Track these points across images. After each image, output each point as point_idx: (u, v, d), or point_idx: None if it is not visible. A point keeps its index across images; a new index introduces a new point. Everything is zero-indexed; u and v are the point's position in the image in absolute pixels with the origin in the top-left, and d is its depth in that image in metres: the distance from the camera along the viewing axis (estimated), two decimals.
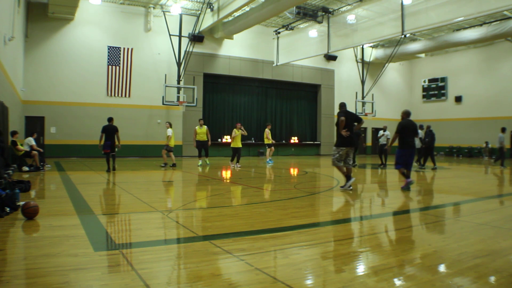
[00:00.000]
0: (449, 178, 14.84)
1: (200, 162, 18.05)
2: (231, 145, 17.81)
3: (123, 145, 18.97)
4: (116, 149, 14.80)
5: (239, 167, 17.39)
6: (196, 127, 18.20)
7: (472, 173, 17.71)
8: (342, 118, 9.82)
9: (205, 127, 18.18)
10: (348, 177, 10.17)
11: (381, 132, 20.01)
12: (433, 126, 33.17)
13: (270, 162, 20.64)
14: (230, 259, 4.30)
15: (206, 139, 18.16)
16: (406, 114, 10.78)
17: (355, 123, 10.19)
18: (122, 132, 23.08)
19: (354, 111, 31.67)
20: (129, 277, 3.64)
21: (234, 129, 17.65)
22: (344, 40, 22.91)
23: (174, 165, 17.44)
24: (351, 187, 10.24)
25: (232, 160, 17.79)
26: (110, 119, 15.19)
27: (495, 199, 9.25)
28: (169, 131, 17.37)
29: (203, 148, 18.17)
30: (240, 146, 17.72)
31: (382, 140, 19.78)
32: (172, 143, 17.37)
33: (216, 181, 13.07)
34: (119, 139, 14.84)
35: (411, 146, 10.47)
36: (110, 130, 14.69)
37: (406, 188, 10.31)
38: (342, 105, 10.38)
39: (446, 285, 3.55)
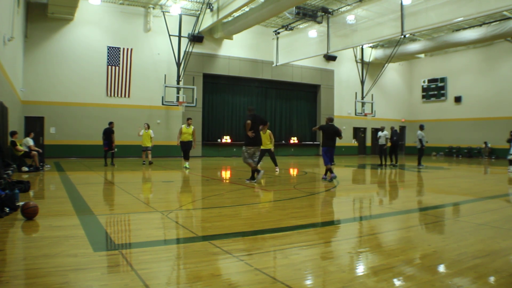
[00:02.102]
0: (448, 178, 14.85)
1: (186, 164, 16.92)
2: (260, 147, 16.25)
3: (123, 145, 19.15)
4: (115, 148, 17.75)
5: (277, 170, 15.68)
6: (183, 126, 17.01)
7: (472, 173, 17.72)
8: (248, 121, 11.14)
9: (192, 127, 16.89)
10: (257, 171, 11.46)
11: (379, 133, 19.93)
12: (433, 126, 33.57)
13: None
14: (230, 259, 4.30)
15: (191, 140, 16.80)
16: (329, 120, 12.95)
17: (262, 125, 11.72)
18: (122, 132, 23.29)
19: (354, 111, 31.76)
20: (128, 277, 3.64)
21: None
22: (344, 40, 22.92)
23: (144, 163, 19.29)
24: (255, 181, 11.40)
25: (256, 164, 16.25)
26: (110, 123, 18.08)
27: (494, 200, 9.25)
28: (141, 132, 19.35)
29: (185, 150, 16.91)
30: (269, 148, 15.59)
31: (381, 141, 19.70)
32: (144, 143, 19.25)
33: (216, 181, 13.07)
34: (113, 139, 17.65)
35: (330, 145, 12.58)
36: (107, 133, 17.63)
37: (329, 180, 12.28)
38: (251, 109, 11.82)
39: (446, 285, 3.55)
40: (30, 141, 15.51)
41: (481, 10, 16.10)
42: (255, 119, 11.33)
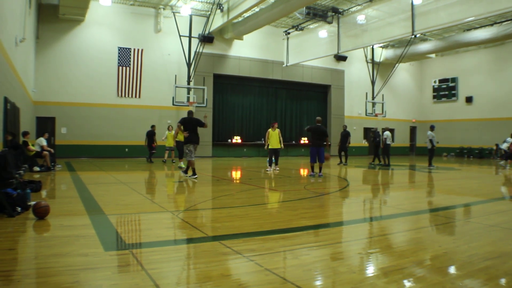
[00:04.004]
0: (459, 179, 14.76)
1: (182, 164, 16.68)
2: (268, 146, 16.25)
3: (133, 145, 19.31)
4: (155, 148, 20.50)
5: (278, 170, 16.24)
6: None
7: (483, 174, 17.58)
8: (179, 124, 12.77)
9: None
10: (192, 170, 12.57)
11: (386, 133, 20.10)
12: (444, 126, 33.33)
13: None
14: (240, 260, 4.31)
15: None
16: (317, 121, 14.36)
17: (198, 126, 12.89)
18: (132, 132, 23.46)
19: (364, 111, 31.65)
20: (139, 277, 3.66)
21: (269, 129, 16.42)
22: (354, 40, 22.86)
23: (164, 161, 20.44)
24: (188, 176, 12.60)
25: (269, 164, 16.44)
26: (152, 126, 20.65)
27: (506, 201, 9.18)
28: (164, 136, 21.02)
29: (178, 149, 17.30)
30: (278, 147, 16.18)
31: (387, 141, 19.85)
32: (168, 143, 20.60)
33: (226, 181, 13.09)
34: (154, 140, 20.43)
35: (317, 145, 13.96)
36: (149, 134, 20.17)
37: (312, 176, 13.77)
38: (189, 112, 13.16)
39: (457, 287, 3.53)
40: (43, 141, 15.59)
41: (492, 9, 15.98)
42: (188, 120, 12.77)
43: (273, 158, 16.29)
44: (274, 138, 16.15)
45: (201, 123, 12.87)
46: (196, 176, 12.43)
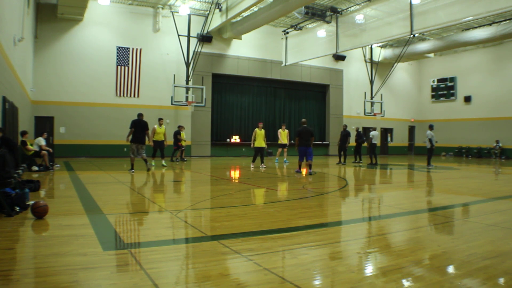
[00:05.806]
0: (458, 179, 14.76)
1: (153, 163, 17.28)
2: (255, 145, 17.45)
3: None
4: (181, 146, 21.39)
5: (264, 167, 17.05)
6: (155, 126, 17.81)
7: (482, 173, 17.59)
8: (132, 129, 14.16)
9: (164, 126, 18.13)
10: (145, 161, 14.78)
11: (372, 133, 20.97)
12: (442, 126, 33.34)
13: (286, 161, 21.19)
14: (239, 259, 4.30)
15: (164, 139, 17.92)
16: (303, 123, 15.14)
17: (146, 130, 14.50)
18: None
19: (363, 111, 31.68)
20: (137, 277, 3.65)
21: (256, 129, 17.58)
22: (353, 40, 22.86)
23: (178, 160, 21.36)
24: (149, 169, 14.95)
25: (253, 161, 17.68)
26: (179, 126, 21.54)
27: (504, 200, 9.18)
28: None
29: (159, 149, 17.73)
30: (264, 146, 17.45)
31: (374, 140, 21.11)
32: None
33: (225, 181, 13.08)
34: (179, 139, 21.07)
35: (306, 145, 14.78)
36: (175, 134, 21.12)
37: (298, 172, 14.87)
38: (139, 114, 14.68)
39: (455, 286, 3.53)
40: (42, 141, 15.57)
41: (490, 9, 15.97)
42: (136, 125, 14.19)
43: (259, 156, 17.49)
44: (260, 138, 17.27)
45: (147, 128, 14.47)
46: (133, 170, 14.28)
